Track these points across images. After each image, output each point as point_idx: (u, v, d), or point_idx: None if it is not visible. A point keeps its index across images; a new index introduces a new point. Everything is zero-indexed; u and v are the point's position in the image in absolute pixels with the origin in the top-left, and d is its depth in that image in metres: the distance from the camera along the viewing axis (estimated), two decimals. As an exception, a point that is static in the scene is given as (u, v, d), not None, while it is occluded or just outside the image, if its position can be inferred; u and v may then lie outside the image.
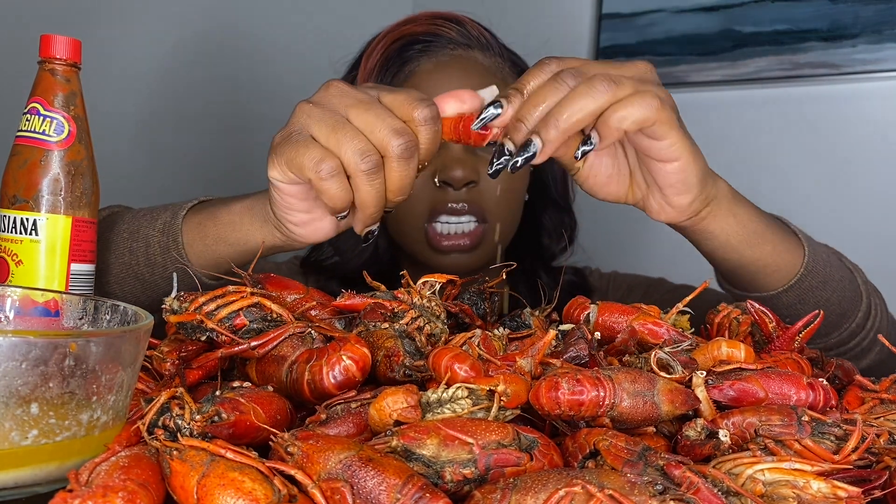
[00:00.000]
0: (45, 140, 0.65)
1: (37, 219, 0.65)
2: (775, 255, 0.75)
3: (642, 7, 1.83)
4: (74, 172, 0.66)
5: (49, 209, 0.65)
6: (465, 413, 0.48)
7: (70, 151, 0.66)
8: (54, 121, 0.65)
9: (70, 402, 0.44)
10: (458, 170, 0.95)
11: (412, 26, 1.02)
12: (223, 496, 0.40)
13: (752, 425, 0.50)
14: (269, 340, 0.57)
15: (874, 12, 1.59)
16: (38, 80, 0.66)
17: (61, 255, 0.65)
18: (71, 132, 0.65)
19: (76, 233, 0.66)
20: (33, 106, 0.66)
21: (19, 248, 0.64)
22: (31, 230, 0.64)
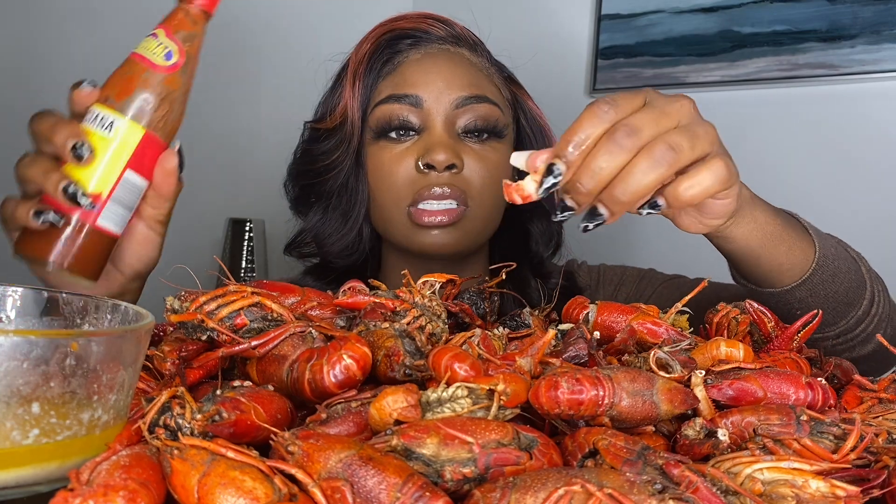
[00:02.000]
0: (153, 61, 0.71)
1: (116, 119, 0.70)
2: (789, 255, 0.76)
3: (642, 8, 1.83)
4: (165, 96, 0.71)
5: (130, 116, 0.70)
6: (465, 412, 0.48)
7: (169, 78, 0.71)
8: (168, 49, 0.71)
9: (71, 402, 0.44)
10: (441, 153, 0.97)
11: (403, 22, 1.05)
12: (224, 495, 0.40)
13: (750, 424, 0.51)
14: (270, 340, 0.57)
15: (873, 13, 1.59)
16: (170, 14, 0.73)
17: (123, 159, 0.71)
18: (177, 63, 0.71)
19: (143, 145, 0.71)
20: (156, 31, 0.72)
21: (93, 140, 0.69)
22: (108, 127, 0.70)
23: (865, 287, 0.82)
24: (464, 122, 1.00)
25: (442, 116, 1.00)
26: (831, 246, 0.80)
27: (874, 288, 0.83)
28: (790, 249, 0.76)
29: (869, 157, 1.61)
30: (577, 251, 1.20)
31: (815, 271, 0.77)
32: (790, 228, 0.76)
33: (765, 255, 0.75)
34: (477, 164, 1.00)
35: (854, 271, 0.81)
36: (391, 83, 1.02)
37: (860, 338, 0.83)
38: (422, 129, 1.01)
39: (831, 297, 0.78)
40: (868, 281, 0.83)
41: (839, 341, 0.82)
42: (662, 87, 1.81)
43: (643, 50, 1.84)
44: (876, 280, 0.85)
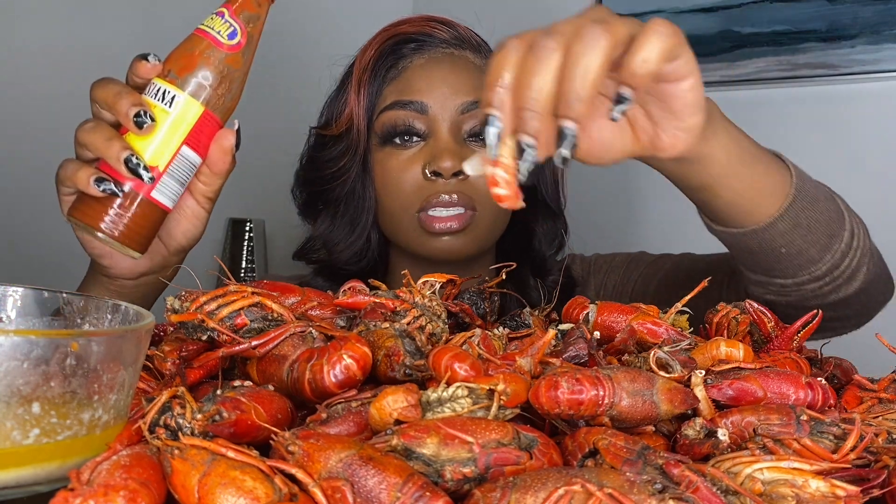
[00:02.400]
0: (217, 38, 0.72)
1: (176, 95, 0.71)
2: (768, 176, 0.73)
3: (641, 8, 1.83)
4: (225, 74, 0.73)
5: (190, 92, 0.72)
6: (465, 412, 0.48)
7: (231, 57, 0.73)
8: (232, 27, 0.72)
9: (71, 402, 0.44)
10: (448, 160, 0.97)
11: (406, 26, 1.05)
12: (224, 495, 0.40)
13: (750, 424, 0.51)
14: (270, 340, 0.57)
15: (873, 13, 1.59)
16: None
17: (181, 134, 0.72)
18: (240, 42, 0.73)
19: (201, 123, 0.73)
20: (221, 10, 0.73)
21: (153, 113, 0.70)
22: (168, 102, 0.71)
23: (844, 218, 0.79)
24: (469, 127, 1.00)
25: (447, 122, 1.00)
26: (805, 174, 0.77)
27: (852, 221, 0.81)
28: (768, 169, 0.73)
29: (869, 157, 1.61)
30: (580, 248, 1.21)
31: (796, 196, 0.73)
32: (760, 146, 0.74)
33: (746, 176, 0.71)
34: None
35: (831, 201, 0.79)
36: (396, 89, 1.02)
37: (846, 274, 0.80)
38: (427, 135, 1.01)
39: (814, 227, 0.75)
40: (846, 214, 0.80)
41: (826, 281, 0.79)
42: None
43: (643, 50, 1.83)
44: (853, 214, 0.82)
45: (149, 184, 0.70)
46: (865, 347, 0.79)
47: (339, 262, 1.09)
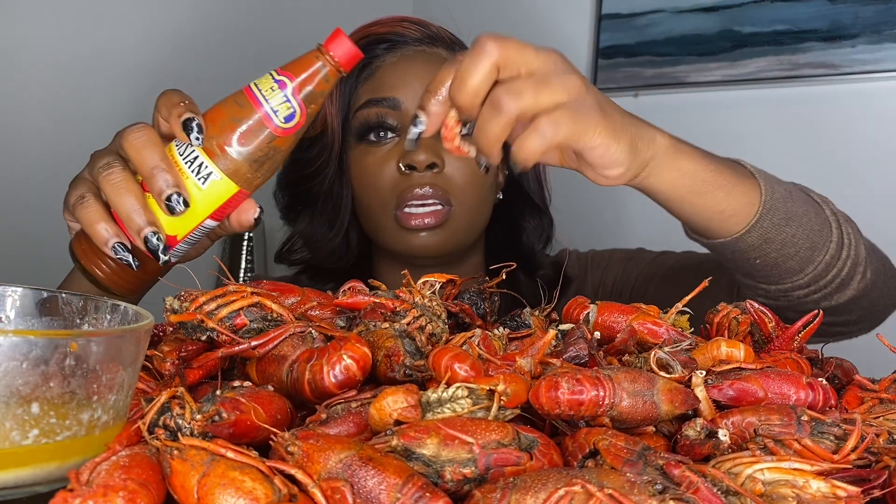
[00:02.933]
0: (271, 118, 0.65)
1: (213, 173, 0.66)
2: (730, 200, 0.74)
3: (642, 7, 1.83)
4: (271, 157, 0.67)
5: (227, 172, 0.66)
6: (465, 412, 0.48)
7: (281, 140, 0.66)
8: (292, 108, 0.65)
9: (71, 402, 0.44)
10: (421, 153, 0.98)
11: (377, 27, 1.06)
12: (224, 495, 0.40)
13: (751, 425, 0.51)
14: (270, 340, 0.57)
15: (873, 12, 1.59)
16: (304, 61, 0.66)
17: (207, 210, 0.67)
18: (295, 126, 0.66)
19: (231, 200, 0.68)
20: (282, 79, 0.65)
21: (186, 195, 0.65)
22: (203, 178, 0.66)
23: (831, 230, 0.80)
24: None
25: None
26: (782, 189, 0.78)
27: (843, 231, 0.81)
28: (729, 195, 0.74)
29: (869, 157, 1.61)
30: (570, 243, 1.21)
31: (764, 215, 0.75)
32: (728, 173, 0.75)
33: (699, 203, 0.73)
34: (458, 162, 1.01)
35: (815, 213, 0.79)
36: (369, 88, 1.03)
37: (834, 284, 0.80)
38: (401, 131, 1.02)
39: (788, 242, 0.76)
40: (833, 223, 0.80)
41: (811, 290, 0.80)
42: (662, 86, 1.81)
43: (643, 49, 1.83)
44: (846, 222, 0.82)
45: (163, 264, 0.67)
46: (866, 348, 0.79)
47: (318, 259, 1.11)
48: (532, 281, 1.08)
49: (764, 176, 0.78)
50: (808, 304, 0.80)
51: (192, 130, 0.65)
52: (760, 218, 0.75)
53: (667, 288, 1.06)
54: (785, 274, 0.79)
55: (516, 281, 1.08)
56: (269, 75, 0.66)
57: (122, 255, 0.66)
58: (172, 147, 0.67)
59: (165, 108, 0.68)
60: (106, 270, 0.69)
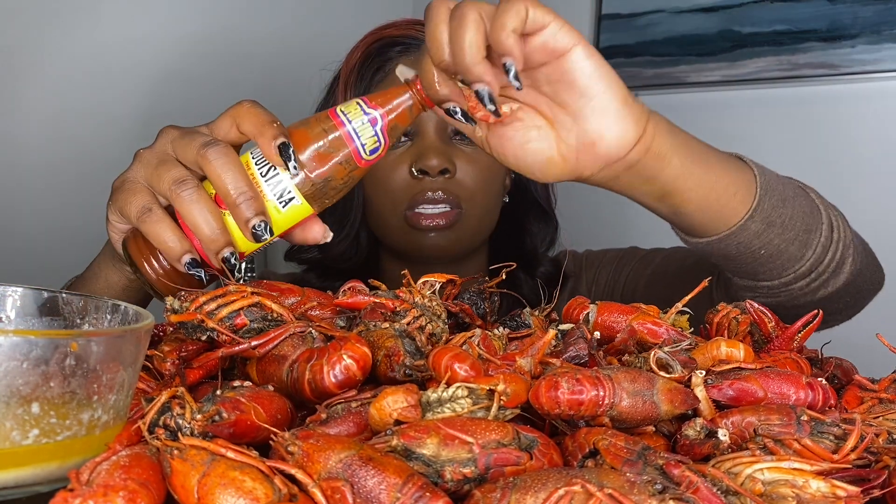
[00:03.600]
0: (359, 151, 0.65)
1: (295, 198, 0.65)
2: (728, 175, 0.72)
3: (642, 7, 1.83)
4: (348, 185, 0.67)
5: (307, 197, 0.65)
6: (465, 412, 0.48)
7: (361, 170, 0.66)
8: (379, 142, 0.65)
9: (71, 402, 0.44)
10: (434, 159, 0.99)
11: (391, 30, 1.07)
12: (224, 495, 0.40)
13: (751, 425, 0.51)
14: (270, 340, 0.57)
15: (873, 13, 1.59)
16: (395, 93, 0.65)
17: (280, 230, 0.67)
18: (377, 157, 0.66)
19: (304, 221, 0.68)
20: (376, 116, 0.64)
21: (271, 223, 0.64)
22: (283, 201, 0.65)
23: (820, 213, 0.79)
24: None
25: (433, 121, 1.01)
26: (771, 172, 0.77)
27: (829, 214, 0.81)
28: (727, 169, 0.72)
29: (869, 157, 1.61)
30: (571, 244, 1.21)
31: (763, 195, 0.73)
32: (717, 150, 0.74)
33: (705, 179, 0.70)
34: (469, 167, 1.02)
35: (803, 197, 0.79)
36: None
37: (831, 267, 0.80)
38: (414, 135, 1.02)
39: (788, 224, 0.75)
40: (821, 207, 0.80)
41: (812, 278, 0.79)
42: (662, 87, 1.81)
43: (643, 50, 1.83)
44: (830, 206, 0.82)
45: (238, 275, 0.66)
46: (866, 347, 0.79)
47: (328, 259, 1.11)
48: (532, 279, 1.09)
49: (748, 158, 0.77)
50: (808, 294, 0.80)
51: (289, 159, 0.63)
52: (761, 198, 0.73)
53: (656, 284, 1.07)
54: (787, 263, 0.78)
55: (517, 280, 1.09)
56: (359, 106, 0.65)
57: (194, 271, 0.65)
58: (250, 161, 0.65)
59: (252, 125, 0.65)
60: (158, 271, 0.67)
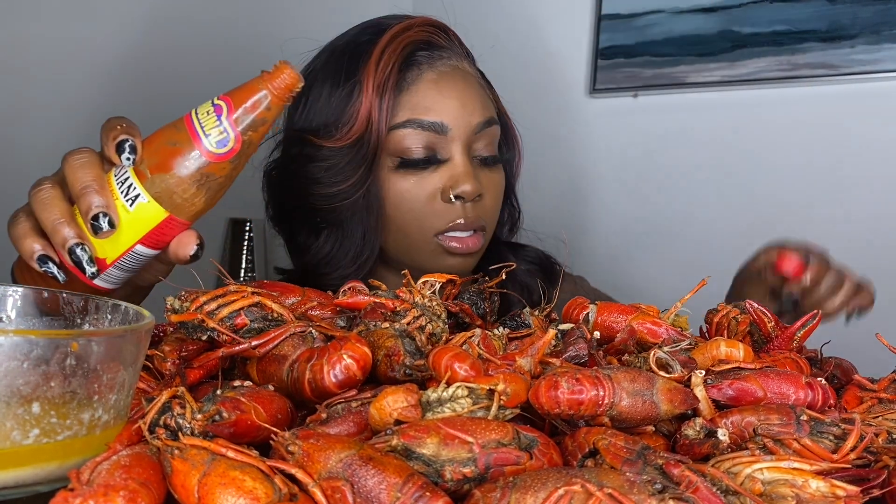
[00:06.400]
0: (203, 144, 0.64)
1: (141, 195, 0.64)
2: None
3: (641, 8, 1.83)
4: (203, 183, 0.65)
5: (156, 196, 0.65)
6: (465, 412, 0.48)
7: (214, 166, 0.64)
8: (224, 134, 0.63)
9: (71, 402, 0.44)
10: (469, 185, 0.96)
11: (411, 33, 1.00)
12: (224, 495, 0.40)
13: (750, 424, 0.51)
14: (270, 340, 0.58)
15: (873, 13, 1.59)
16: (246, 88, 0.64)
17: (136, 235, 0.66)
18: (230, 152, 0.64)
19: (162, 226, 0.66)
20: (221, 105, 0.64)
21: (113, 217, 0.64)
22: (131, 200, 0.64)
23: None
24: (479, 147, 1.00)
25: (462, 143, 0.97)
26: None
27: None
28: None
29: (869, 158, 1.61)
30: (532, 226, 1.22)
31: None
32: None
33: None
34: (491, 191, 1.01)
35: None
36: (409, 105, 0.96)
37: None
38: (443, 157, 0.97)
39: None
40: None
41: None
42: (662, 87, 1.81)
43: (643, 50, 1.83)
44: None
45: (91, 278, 0.65)
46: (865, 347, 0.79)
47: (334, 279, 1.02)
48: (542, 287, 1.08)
49: None
50: None
51: (123, 151, 0.64)
52: None
53: None
54: None
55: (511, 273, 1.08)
56: (210, 101, 0.65)
57: (47, 267, 0.64)
58: (111, 174, 0.66)
59: (104, 134, 0.66)
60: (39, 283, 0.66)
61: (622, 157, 1.88)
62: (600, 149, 1.90)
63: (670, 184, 1.78)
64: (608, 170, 1.89)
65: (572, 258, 1.21)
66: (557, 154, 1.92)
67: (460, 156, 0.97)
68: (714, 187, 1.71)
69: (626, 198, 1.88)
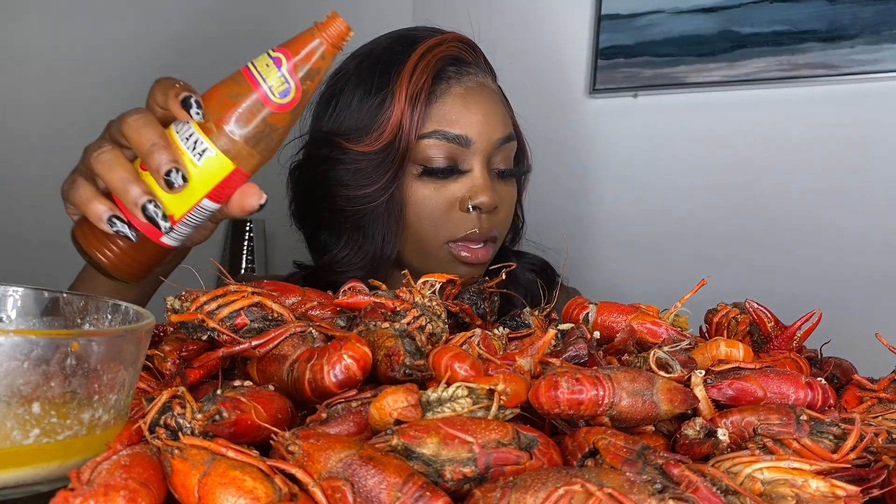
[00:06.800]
0: (266, 95, 0.64)
1: (208, 148, 0.65)
2: None
3: (641, 8, 1.83)
4: (267, 134, 0.66)
5: (223, 149, 0.65)
6: (465, 412, 0.48)
7: (276, 116, 0.65)
8: (286, 84, 0.65)
9: (72, 402, 0.44)
10: (486, 196, 0.98)
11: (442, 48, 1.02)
12: (224, 494, 0.40)
13: (750, 424, 0.51)
14: (270, 340, 0.58)
15: (872, 13, 1.59)
16: (301, 39, 0.65)
17: (204, 188, 0.66)
18: (291, 101, 0.65)
19: (228, 179, 0.67)
20: (278, 56, 0.65)
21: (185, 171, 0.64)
22: (199, 154, 0.64)
23: None
24: (497, 160, 1.02)
25: (483, 155, 1.00)
26: None
27: None
28: None
29: (869, 158, 1.61)
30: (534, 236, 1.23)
31: None
32: None
33: None
34: (506, 203, 1.04)
35: None
36: (436, 116, 0.99)
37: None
38: (464, 168, 1.00)
39: None
40: None
41: None
42: (662, 87, 1.81)
43: (643, 50, 1.83)
44: None
45: (166, 232, 0.66)
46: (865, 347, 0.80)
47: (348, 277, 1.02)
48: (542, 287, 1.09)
49: None
50: None
51: (190, 106, 0.64)
52: None
53: None
54: None
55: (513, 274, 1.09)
56: (266, 54, 0.66)
57: (118, 227, 0.65)
58: (172, 129, 0.66)
59: (161, 93, 0.66)
60: (108, 255, 0.67)
61: (622, 158, 1.88)
62: (600, 149, 1.91)
63: (670, 184, 1.78)
64: (608, 170, 1.89)
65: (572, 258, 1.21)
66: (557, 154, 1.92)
67: (480, 168, 1.00)
68: (714, 187, 1.72)
69: (625, 198, 1.88)
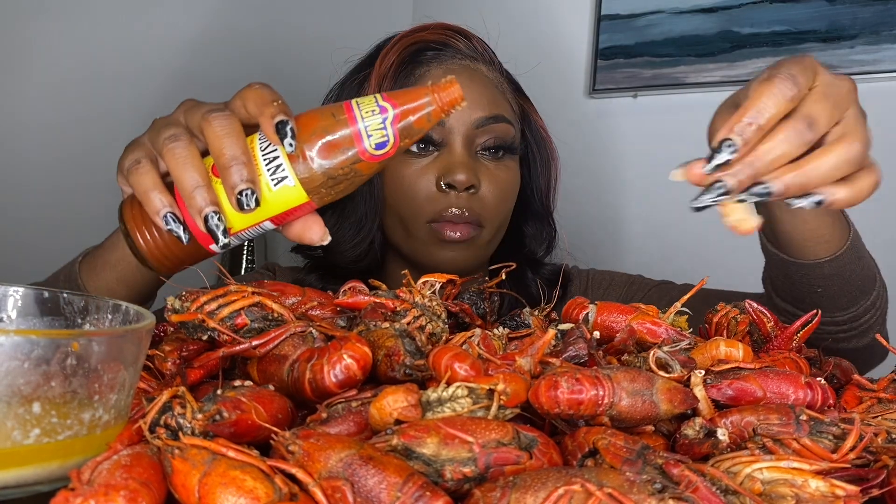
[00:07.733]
0: (363, 141, 0.61)
1: (288, 177, 0.62)
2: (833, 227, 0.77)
3: (641, 8, 1.83)
4: (349, 178, 0.63)
5: (302, 181, 0.62)
6: (465, 412, 0.48)
7: (365, 164, 0.62)
8: (386, 137, 0.62)
9: (72, 402, 0.44)
10: (462, 174, 0.98)
11: (425, 34, 1.05)
12: (224, 494, 0.40)
13: (750, 424, 0.51)
14: (271, 339, 0.58)
15: (872, 13, 1.59)
16: (412, 93, 0.63)
17: (271, 212, 0.64)
18: (385, 154, 0.62)
19: (297, 209, 0.64)
20: (386, 105, 0.62)
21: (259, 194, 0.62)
22: (276, 181, 0.62)
23: (876, 281, 0.84)
24: (482, 141, 1.02)
25: (462, 135, 1.01)
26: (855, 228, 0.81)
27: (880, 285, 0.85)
28: (834, 222, 0.77)
29: (868, 158, 1.62)
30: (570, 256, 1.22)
31: (848, 249, 0.78)
32: None
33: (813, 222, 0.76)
34: (492, 185, 1.02)
35: (869, 259, 0.83)
36: None
37: (862, 328, 0.84)
38: (442, 146, 1.01)
39: (852, 279, 0.79)
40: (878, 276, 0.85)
41: (843, 328, 0.83)
42: (662, 87, 1.81)
43: (643, 50, 1.84)
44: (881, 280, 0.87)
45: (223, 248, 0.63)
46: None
47: (340, 262, 1.09)
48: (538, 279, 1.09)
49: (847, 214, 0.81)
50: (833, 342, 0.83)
51: (286, 135, 0.60)
52: (845, 251, 0.78)
53: None
54: (832, 308, 0.81)
55: (525, 281, 1.09)
56: (374, 97, 0.63)
57: (173, 227, 0.62)
58: (255, 140, 0.63)
59: (255, 105, 0.63)
60: (149, 241, 0.65)
61: (622, 158, 1.88)
62: (600, 149, 1.91)
63: (670, 183, 1.78)
64: (608, 170, 1.89)
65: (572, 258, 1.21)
66: (557, 154, 1.92)
67: (458, 146, 1.01)
68: (714, 187, 1.71)
69: (625, 198, 1.88)
